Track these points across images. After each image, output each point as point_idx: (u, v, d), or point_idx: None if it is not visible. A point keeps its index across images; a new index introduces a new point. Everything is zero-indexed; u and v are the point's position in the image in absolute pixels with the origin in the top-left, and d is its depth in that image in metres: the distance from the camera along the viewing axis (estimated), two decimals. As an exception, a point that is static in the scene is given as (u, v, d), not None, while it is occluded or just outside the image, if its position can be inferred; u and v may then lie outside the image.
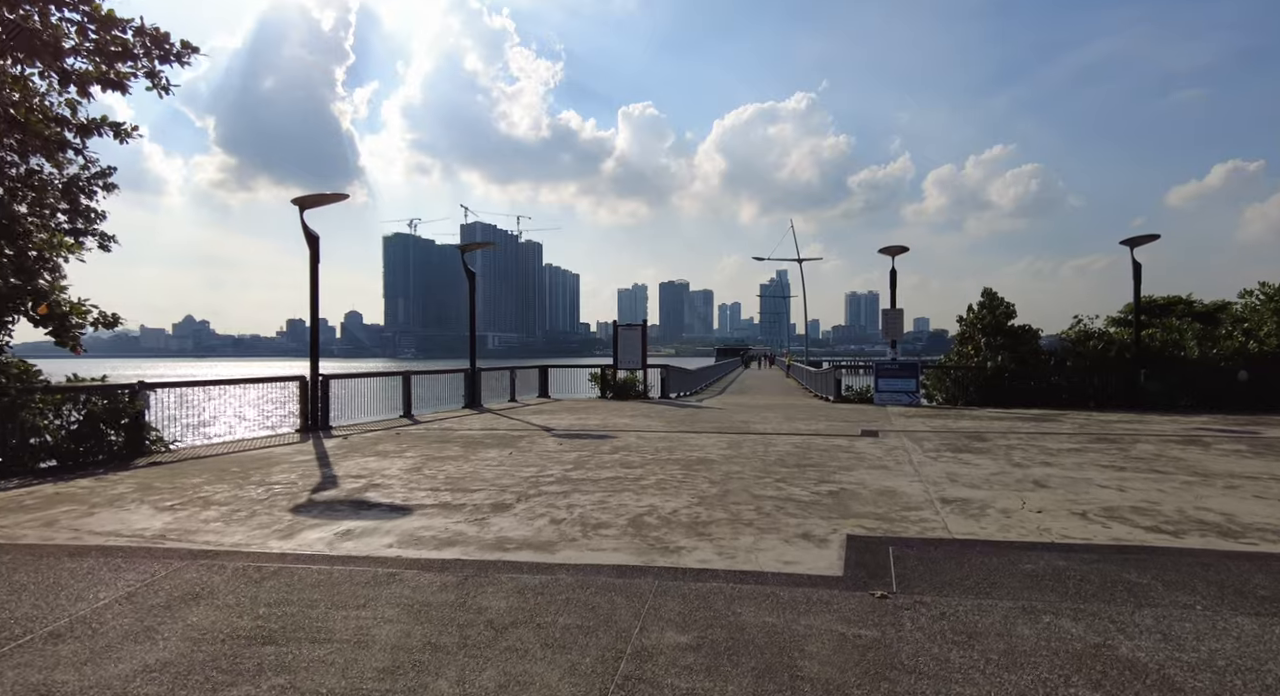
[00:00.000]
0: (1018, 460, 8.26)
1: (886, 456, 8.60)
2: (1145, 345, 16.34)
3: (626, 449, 9.20)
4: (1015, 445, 9.58)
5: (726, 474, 7.28)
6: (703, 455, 8.62)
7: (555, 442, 9.89)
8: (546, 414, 14.54)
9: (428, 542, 4.72)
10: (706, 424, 12.45)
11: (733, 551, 4.49)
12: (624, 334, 19.68)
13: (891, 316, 18.19)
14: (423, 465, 8.00)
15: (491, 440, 10.22)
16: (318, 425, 11.93)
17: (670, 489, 6.50)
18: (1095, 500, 5.98)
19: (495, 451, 9.06)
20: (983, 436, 10.65)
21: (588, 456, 8.55)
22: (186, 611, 3.49)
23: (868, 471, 7.48)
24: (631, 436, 10.55)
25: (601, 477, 7.09)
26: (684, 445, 9.56)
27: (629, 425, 12.22)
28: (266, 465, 8.07)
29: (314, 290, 11.97)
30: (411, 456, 8.69)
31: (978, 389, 18.16)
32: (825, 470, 7.53)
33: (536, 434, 11.00)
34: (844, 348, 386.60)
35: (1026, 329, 19.03)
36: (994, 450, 9.15)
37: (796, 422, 12.66)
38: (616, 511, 5.58)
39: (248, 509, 5.76)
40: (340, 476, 7.33)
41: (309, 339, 12.69)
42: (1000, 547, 4.57)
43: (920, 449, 9.29)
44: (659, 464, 7.96)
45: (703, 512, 5.53)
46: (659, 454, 8.74)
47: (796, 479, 7.01)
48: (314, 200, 11.96)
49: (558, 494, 6.29)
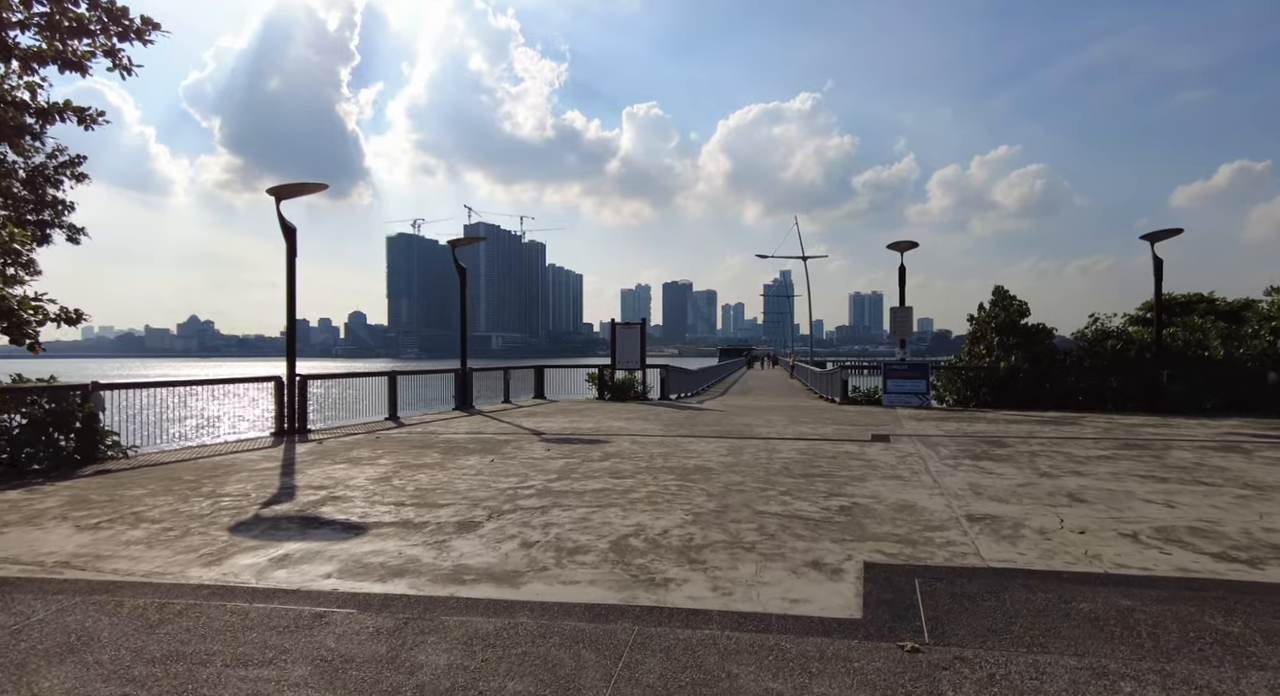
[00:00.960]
0: (1044, 469, 7.55)
1: (901, 464, 7.89)
2: (1167, 345, 15.59)
3: (619, 455, 8.51)
4: (1039, 451, 8.86)
5: (726, 485, 6.58)
6: (701, 463, 7.93)
7: (543, 448, 9.21)
8: (539, 416, 13.86)
9: (373, 572, 4.03)
10: (706, 427, 11.75)
11: (729, 585, 3.80)
12: (622, 333, 18.98)
13: (900, 314, 17.46)
14: (394, 474, 7.31)
15: (475, 445, 9.54)
16: (294, 428, 11.26)
17: (662, 503, 5.80)
18: (1143, 518, 5.27)
19: (476, 458, 8.38)
20: (1002, 441, 9.94)
21: (576, 464, 7.86)
22: (39, 676, 2.79)
23: (882, 482, 6.77)
24: (625, 441, 9.86)
25: (587, 489, 6.40)
26: (681, 451, 8.87)
27: (624, 429, 11.53)
28: (225, 473, 7.40)
29: (291, 285, 11.30)
30: (385, 464, 8.01)
31: (990, 390, 17.43)
32: (835, 481, 6.83)
33: (524, 438, 10.32)
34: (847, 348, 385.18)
35: (1041, 328, 18.29)
36: (1016, 457, 8.44)
37: (802, 426, 11.96)
38: (599, 532, 4.89)
39: (182, 527, 5.08)
40: (300, 487, 6.66)
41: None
42: (1046, 579, 3.87)
43: (936, 455, 8.59)
44: (652, 473, 7.26)
45: (697, 534, 4.83)
46: (653, 461, 8.04)
47: (803, 491, 6.31)
48: (290, 190, 11.29)
49: (535, 510, 5.60)
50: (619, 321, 19.23)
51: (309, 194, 11.40)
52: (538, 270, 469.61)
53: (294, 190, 11.30)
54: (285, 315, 11.34)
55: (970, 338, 19.67)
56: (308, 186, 11.31)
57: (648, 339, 19.34)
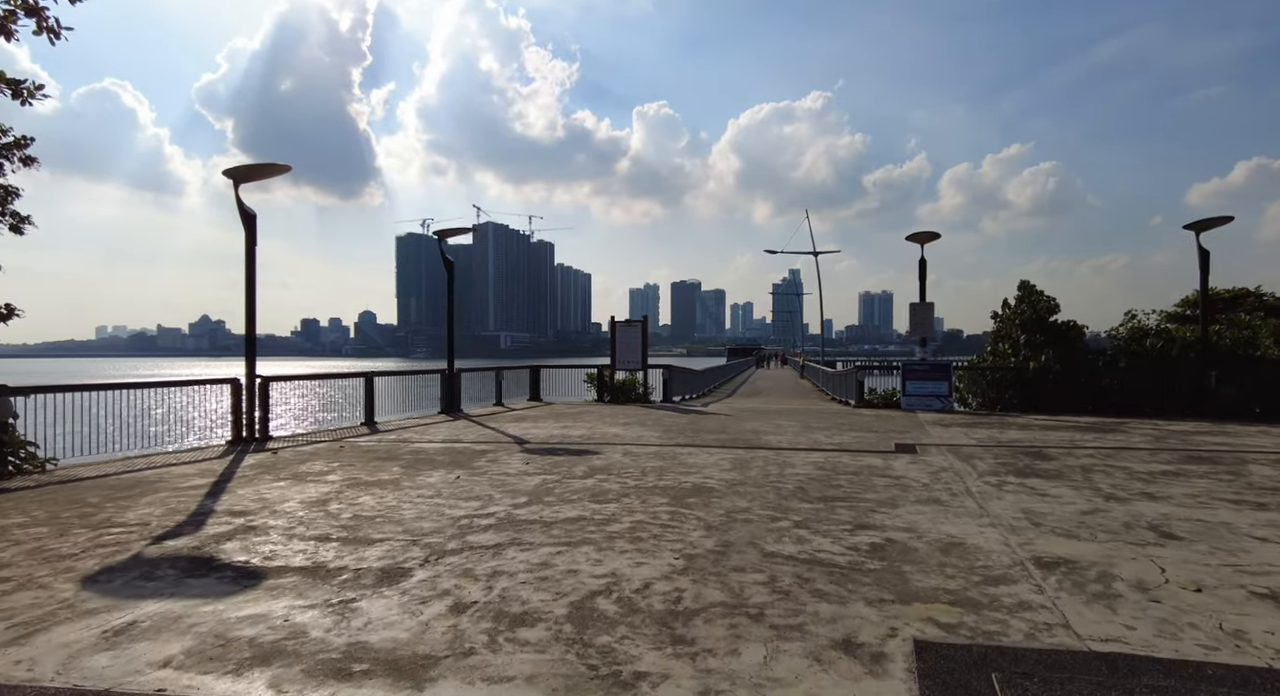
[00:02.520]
0: (1107, 489, 6.36)
1: (935, 483, 6.71)
2: (1213, 343, 14.30)
3: (606, 470, 7.37)
4: (1091, 466, 7.66)
5: (728, 513, 5.43)
6: (700, 480, 6.78)
7: (521, 460, 8.08)
8: (529, 421, 12.75)
9: (232, 656, 2.91)
10: (710, 435, 10.60)
11: (727, 686, 2.65)
12: (622, 331, 17.84)
13: (921, 311, 16.23)
14: (336, 495, 6.21)
15: (446, 457, 8.43)
16: (253, 436, 10.18)
17: (648, 540, 4.66)
18: (1271, 565, 4.08)
19: (441, 474, 7.26)
20: (1043, 453, 8.74)
21: (554, 483, 6.73)
22: None
23: (917, 508, 5.60)
24: (617, 452, 8.71)
25: (559, 518, 5.27)
26: (679, 465, 7.72)
27: (618, 436, 10.39)
28: (139, 494, 6.31)
29: (250, 276, 10.22)
30: (333, 481, 6.91)
31: (1016, 392, 16.18)
32: (860, 506, 5.66)
33: (505, 448, 9.20)
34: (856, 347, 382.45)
35: (1072, 325, 17.01)
36: (1067, 473, 7.24)
37: (816, 434, 10.78)
38: (558, 587, 3.75)
39: (23, 575, 3.97)
40: (217, 513, 5.55)
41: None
42: (1182, 677, 2.70)
43: (974, 471, 7.40)
44: (642, 494, 6.12)
45: (687, 591, 3.69)
46: (645, 478, 6.90)
47: (823, 522, 5.15)
48: (250, 172, 10.21)
49: (487, 550, 4.47)
50: (619, 319, 18.09)
51: (270, 176, 10.31)
52: (546, 270, 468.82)
53: (253, 172, 10.22)
54: (244, 308, 10.25)
55: (994, 335, 18.41)
56: (268, 168, 10.22)
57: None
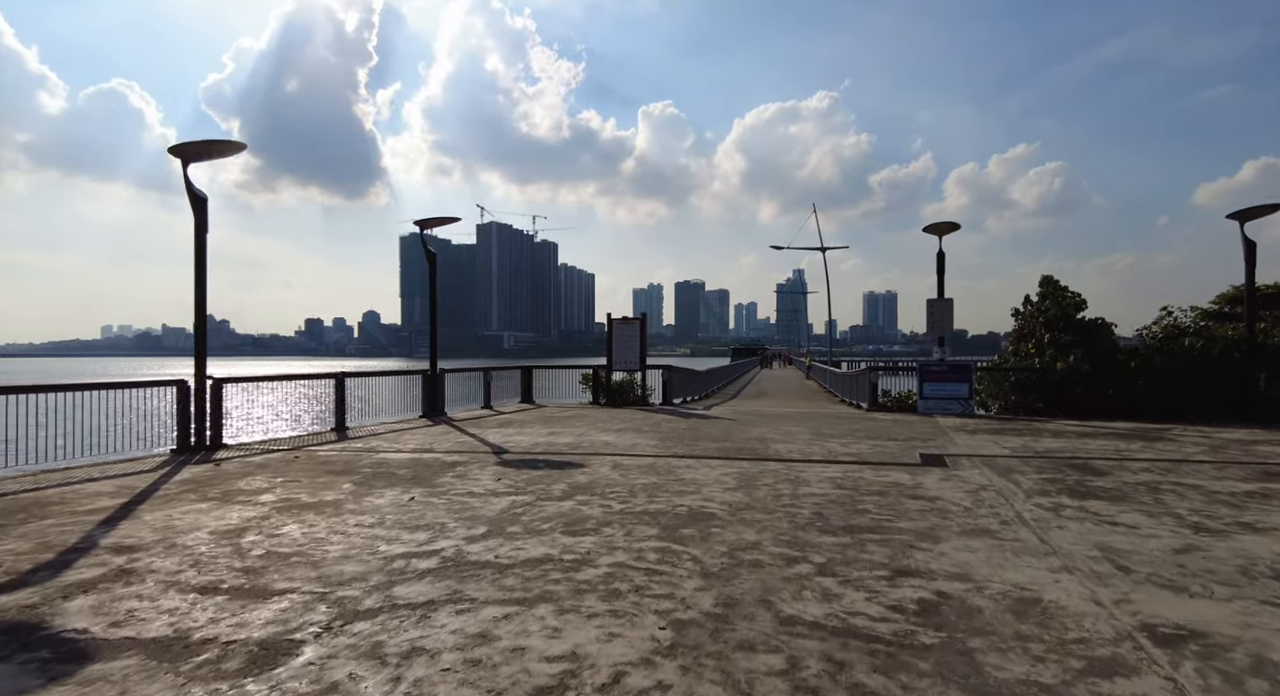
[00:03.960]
0: (1190, 516, 5.27)
1: (977, 506, 5.63)
2: (1260, 343, 13.17)
3: (589, 489, 6.30)
4: (1156, 484, 6.57)
5: (731, 551, 4.36)
6: (699, 503, 5.70)
7: (493, 476, 7.02)
8: (514, 426, 11.69)
9: None
10: (712, 443, 9.52)
11: None
12: (619, 330, 16.77)
13: (939, 308, 15.13)
14: (261, 522, 5.15)
15: (408, 471, 7.37)
16: (201, 443, 9.15)
17: (627, 595, 3.59)
18: None
19: (395, 493, 6.20)
20: (1090, 466, 7.64)
21: (524, 506, 5.66)
22: None
23: (964, 543, 4.52)
24: (605, 466, 7.64)
25: (520, 559, 4.20)
26: (675, 482, 6.65)
27: (610, 444, 9.33)
28: (26, 518, 5.26)
29: (200, 265, 9.19)
30: (266, 502, 5.86)
31: (1041, 395, 15.07)
32: (895, 540, 4.58)
33: (479, 459, 8.14)
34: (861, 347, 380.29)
35: (1100, 323, 15.89)
36: (1131, 493, 6.15)
37: (830, 441, 9.69)
38: (494, 680, 2.67)
39: None
40: (101, 547, 4.50)
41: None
42: None
43: (1019, 490, 6.32)
44: (627, 523, 5.05)
45: (675, 686, 2.61)
46: (633, 500, 5.83)
47: (852, 564, 4.08)
48: (199, 150, 9.16)
49: (413, 609, 3.40)
50: (616, 317, 17.02)
51: (222, 156, 9.27)
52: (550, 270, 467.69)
53: (203, 150, 9.17)
54: (194, 300, 9.22)
55: (1015, 334, 17.30)
56: (220, 145, 9.17)
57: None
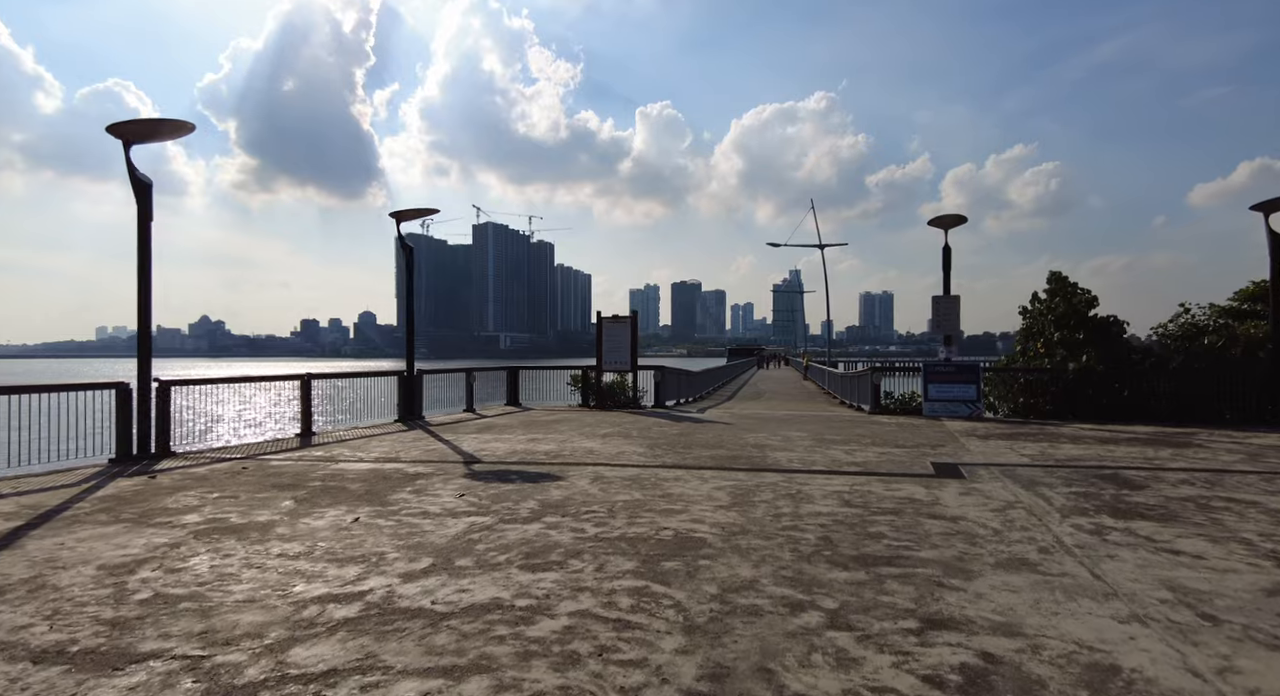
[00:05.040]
0: (1264, 543, 4.50)
1: (1008, 528, 4.86)
2: (1285, 342, 12.43)
3: (562, 508, 5.52)
4: (1204, 500, 5.81)
5: (723, 592, 3.57)
6: (687, 526, 4.92)
7: (456, 491, 6.22)
8: (494, 432, 10.90)
9: None
10: (704, 450, 8.75)
11: None
12: (609, 328, 15.98)
13: (945, 305, 14.37)
14: (169, 551, 4.36)
15: (363, 485, 6.57)
16: (146, 452, 8.34)
17: (587, 661, 2.80)
18: None
19: (339, 512, 5.40)
20: (1125, 478, 6.88)
21: (483, 530, 4.88)
22: None
23: (1003, 579, 3.75)
24: (584, 479, 6.86)
25: (460, 606, 3.41)
26: (661, 498, 5.87)
27: (593, 453, 8.55)
28: (-107, 548, 4.47)
29: (144, 256, 8.38)
30: (187, 523, 5.06)
31: (1052, 398, 14.34)
32: (918, 575, 3.81)
33: (446, 470, 7.35)
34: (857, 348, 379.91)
35: (1113, 321, 15.18)
36: (1180, 512, 5.40)
37: (832, 449, 8.92)
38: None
39: None
40: (-43, 588, 3.71)
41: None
42: None
43: (1051, 508, 5.56)
44: (600, 553, 4.27)
45: None
46: (611, 522, 5.04)
47: (871, 611, 3.30)
48: (144, 131, 8.35)
49: (305, 686, 2.60)
50: (605, 315, 16.24)
51: (169, 137, 8.46)
52: (547, 270, 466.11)
53: (147, 131, 8.36)
54: (136, 294, 8.41)
55: (1023, 333, 16.57)
56: (166, 125, 8.36)
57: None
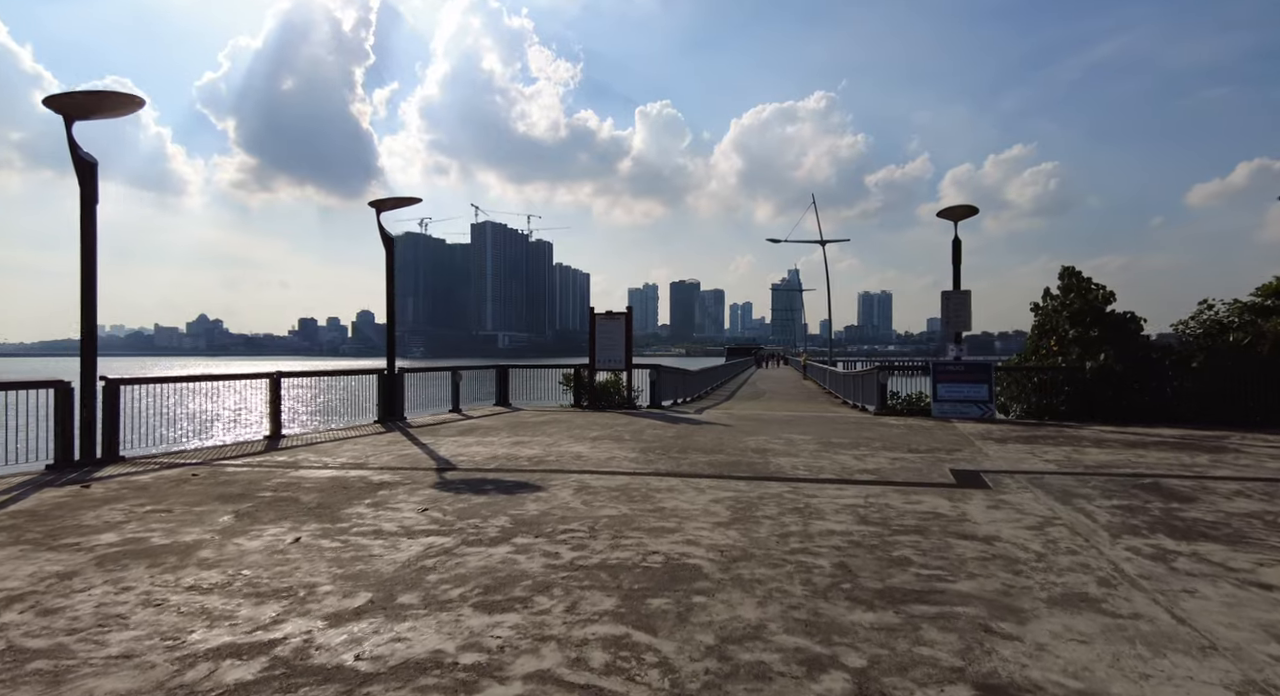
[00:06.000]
0: (1354, 571, 3.81)
1: (1053, 551, 4.15)
2: (1317, 339, 11.74)
3: (536, 526, 4.80)
4: (1274, 517, 5.10)
5: (722, 644, 2.85)
6: (679, 549, 4.20)
7: (420, 505, 5.50)
8: (476, 434, 10.18)
9: None
10: (701, 455, 8.03)
11: None
12: (602, 326, 15.28)
13: (956, 300, 13.67)
14: (60, 581, 3.63)
15: (318, 496, 5.85)
16: (91, 457, 7.62)
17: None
18: None
19: (280, 530, 4.68)
20: (1168, 489, 6.18)
21: (441, 554, 4.16)
22: None
23: (1063, 621, 3.03)
24: (567, 489, 6.14)
25: (390, 664, 2.69)
26: (651, 513, 5.15)
27: (580, 458, 7.83)
28: None
29: (87, 242, 7.65)
30: (98, 545, 4.33)
31: (1067, 398, 13.64)
32: (959, 617, 3.09)
33: (415, 479, 6.63)
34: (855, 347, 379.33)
35: (1131, 318, 14.46)
36: (1248, 532, 4.69)
37: (840, 454, 8.21)
38: None
39: None
40: None
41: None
42: None
43: (1096, 525, 4.85)
44: (574, 587, 3.55)
45: None
46: (592, 544, 4.33)
47: (908, 673, 2.58)
48: (87, 105, 7.62)
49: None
50: (600, 312, 15.53)
51: (116, 111, 7.73)
52: (545, 269, 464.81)
53: (91, 105, 7.63)
54: (80, 286, 7.68)
55: (1036, 331, 15.84)
56: (112, 98, 7.63)
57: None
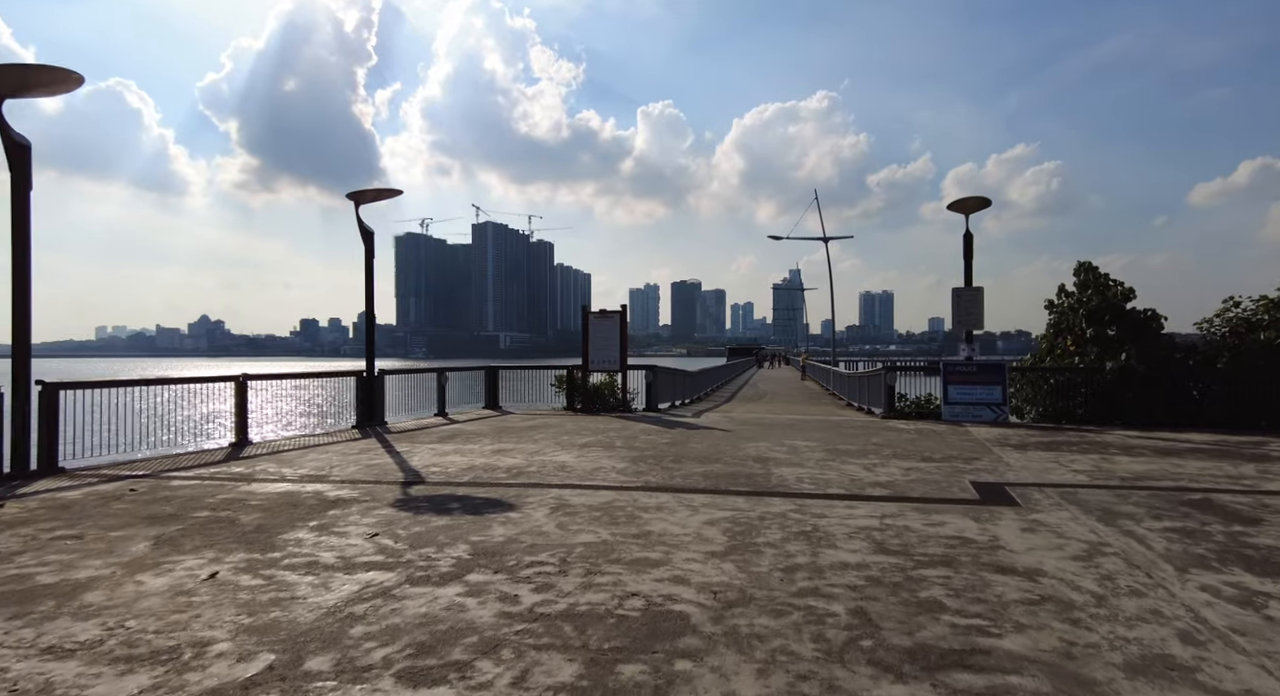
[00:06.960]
0: None
1: (1114, 594, 3.45)
2: (1355, 337, 11.04)
3: (500, 557, 4.10)
4: (1351, 541, 4.40)
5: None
6: (665, 590, 3.51)
7: (371, 528, 4.80)
8: (456, 441, 9.48)
9: None
10: (697, 465, 7.33)
11: None
12: (596, 325, 14.56)
13: (968, 298, 12.95)
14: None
15: (259, 516, 5.16)
16: (25, 467, 6.93)
17: None
18: None
19: (199, 561, 3.99)
20: (1222, 506, 5.48)
21: (382, 594, 3.46)
22: None
23: (1160, 706, 2.34)
24: (543, 508, 5.43)
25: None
26: (635, 540, 4.45)
27: (566, 468, 7.13)
28: None
29: (20, 230, 6.97)
30: (-29, 585, 3.65)
31: (1086, 401, 12.93)
32: (1014, 688, 2.39)
33: (374, 496, 5.93)
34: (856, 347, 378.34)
35: (1152, 315, 13.75)
36: (1331, 561, 3.99)
37: (849, 463, 7.50)
38: None
39: None
40: None
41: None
42: None
43: (1153, 553, 4.15)
44: (528, 648, 2.85)
45: None
46: (561, 583, 3.63)
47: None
48: (18, 79, 6.92)
49: None
50: (594, 310, 14.83)
51: (49, 91, 7.02)
52: (546, 270, 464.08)
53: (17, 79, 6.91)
54: (11, 280, 7.00)
55: (1052, 329, 15.14)
56: (41, 72, 6.92)
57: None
